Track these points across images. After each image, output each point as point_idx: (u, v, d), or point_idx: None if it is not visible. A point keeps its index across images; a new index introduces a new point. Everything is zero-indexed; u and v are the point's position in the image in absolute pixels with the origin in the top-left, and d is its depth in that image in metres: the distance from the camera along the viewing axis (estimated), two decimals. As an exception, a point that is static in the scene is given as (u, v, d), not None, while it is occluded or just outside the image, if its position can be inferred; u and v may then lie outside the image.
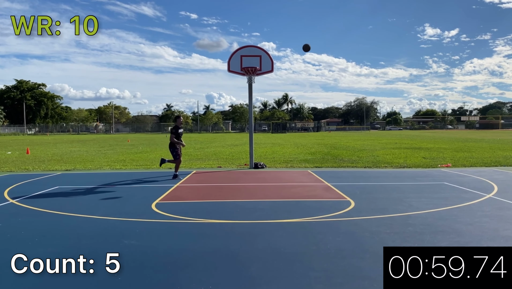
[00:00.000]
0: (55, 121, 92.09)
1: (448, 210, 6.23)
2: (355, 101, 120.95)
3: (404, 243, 4.51)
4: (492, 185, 8.57)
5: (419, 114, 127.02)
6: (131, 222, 5.61)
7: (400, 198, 7.21)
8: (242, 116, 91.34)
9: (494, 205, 6.56)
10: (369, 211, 6.16)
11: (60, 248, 4.43)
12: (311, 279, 3.54)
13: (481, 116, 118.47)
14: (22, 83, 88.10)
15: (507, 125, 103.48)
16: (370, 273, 3.63)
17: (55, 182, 9.65)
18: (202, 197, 7.70)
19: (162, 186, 8.84)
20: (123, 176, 10.89)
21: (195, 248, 4.40)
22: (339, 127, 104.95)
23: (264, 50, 12.55)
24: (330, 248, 4.37)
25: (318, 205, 6.76)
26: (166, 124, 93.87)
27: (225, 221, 5.61)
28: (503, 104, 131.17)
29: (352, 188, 8.27)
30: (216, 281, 3.48)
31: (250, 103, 13.24)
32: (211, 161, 15.08)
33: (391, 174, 11.02)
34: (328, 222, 5.52)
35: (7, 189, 8.58)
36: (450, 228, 5.14)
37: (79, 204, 6.93)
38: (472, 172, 11.04)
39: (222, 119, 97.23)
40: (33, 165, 13.97)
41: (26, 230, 5.25)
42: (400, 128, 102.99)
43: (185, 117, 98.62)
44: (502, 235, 4.80)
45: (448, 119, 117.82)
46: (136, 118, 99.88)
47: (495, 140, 30.74)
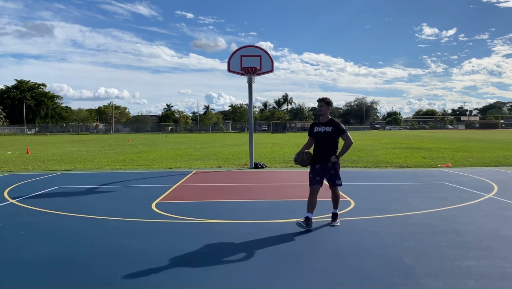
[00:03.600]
0: (55, 121, 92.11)
1: (448, 210, 6.23)
2: (355, 101, 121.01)
3: (404, 243, 4.51)
4: (492, 185, 8.57)
5: (419, 114, 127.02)
6: (131, 222, 5.61)
7: (400, 198, 7.21)
8: (242, 116, 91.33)
9: (494, 205, 6.56)
10: (369, 211, 6.16)
11: (60, 248, 4.43)
12: (311, 279, 3.53)
13: (481, 116, 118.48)
14: (22, 83, 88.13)
15: (507, 125, 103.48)
16: (370, 273, 3.63)
17: (55, 182, 9.65)
18: (202, 197, 7.70)
19: (162, 186, 8.84)
20: (123, 176, 10.89)
21: (195, 248, 4.40)
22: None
23: (264, 50, 12.56)
24: (330, 248, 4.37)
25: (318, 205, 6.74)
26: (166, 124, 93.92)
27: (225, 221, 5.61)
28: (503, 104, 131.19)
29: (352, 188, 8.27)
30: (216, 281, 3.47)
31: (250, 103, 13.24)
32: (211, 161, 15.08)
33: (391, 174, 11.02)
34: (328, 222, 5.51)
35: (7, 189, 8.58)
36: (450, 228, 5.14)
37: (79, 204, 6.92)
38: (472, 172, 11.03)
39: (222, 119, 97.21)
40: (33, 165, 13.98)
41: (26, 230, 5.25)
42: (400, 128, 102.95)
43: (185, 117, 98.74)
44: (502, 235, 4.80)
45: (448, 119, 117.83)
46: (136, 118, 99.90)
47: (495, 140, 30.74)
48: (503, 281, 3.43)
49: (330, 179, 5.27)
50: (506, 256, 4.04)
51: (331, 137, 5.17)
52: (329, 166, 5.16)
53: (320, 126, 5.25)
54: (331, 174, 5.21)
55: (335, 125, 5.21)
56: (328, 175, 5.22)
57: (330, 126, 5.18)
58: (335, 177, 5.25)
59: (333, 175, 5.22)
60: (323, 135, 5.20)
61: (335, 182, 5.26)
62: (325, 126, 5.21)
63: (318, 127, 5.27)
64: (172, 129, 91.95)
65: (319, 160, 5.20)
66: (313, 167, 5.25)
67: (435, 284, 3.37)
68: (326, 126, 5.20)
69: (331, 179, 5.26)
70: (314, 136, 5.30)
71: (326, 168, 5.18)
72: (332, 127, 5.18)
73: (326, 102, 5.24)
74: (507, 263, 3.83)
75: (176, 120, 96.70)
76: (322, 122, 5.26)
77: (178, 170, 12.42)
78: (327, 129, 5.18)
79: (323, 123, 5.25)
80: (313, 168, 5.25)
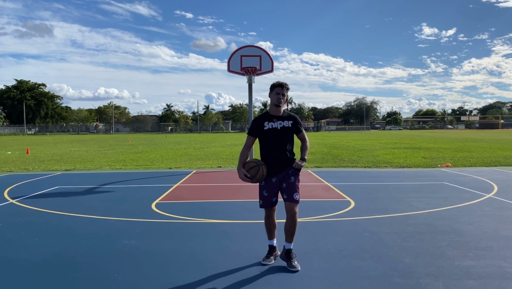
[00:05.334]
0: (55, 121, 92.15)
1: (448, 210, 6.23)
2: (355, 101, 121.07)
3: (404, 243, 4.51)
4: (492, 185, 8.57)
5: (419, 114, 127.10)
6: (131, 222, 5.61)
7: (400, 198, 7.21)
8: (242, 116, 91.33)
9: (494, 205, 6.56)
10: (369, 211, 6.16)
11: (60, 248, 4.43)
12: (311, 279, 3.54)
13: (481, 116, 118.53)
14: (22, 83, 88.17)
15: (507, 125, 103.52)
16: (370, 273, 3.63)
17: (55, 182, 9.65)
18: (202, 197, 7.70)
19: (162, 186, 8.84)
20: (123, 176, 10.89)
21: (195, 248, 4.40)
22: (339, 127, 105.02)
23: (264, 50, 12.55)
24: (330, 248, 4.37)
25: (318, 205, 6.76)
26: (166, 124, 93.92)
27: (225, 221, 5.61)
28: (503, 104, 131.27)
29: (352, 188, 8.27)
30: (216, 281, 3.48)
31: (250, 103, 13.24)
32: (211, 161, 15.08)
33: (391, 174, 11.02)
34: (328, 222, 5.52)
35: (7, 189, 8.58)
36: (450, 228, 5.14)
37: (79, 204, 6.93)
38: (472, 172, 11.03)
39: (222, 119, 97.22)
40: (33, 165, 13.98)
41: (26, 230, 5.25)
42: (400, 128, 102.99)
43: (185, 117, 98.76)
44: (502, 235, 4.80)
45: (448, 119, 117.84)
46: (136, 118, 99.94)
47: (495, 140, 30.74)
48: (503, 281, 3.43)
49: (286, 191, 3.78)
50: (505, 256, 4.04)
51: (290, 135, 3.91)
52: (290, 173, 3.82)
53: (274, 120, 3.85)
54: (288, 184, 3.79)
55: (294, 118, 3.94)
56: (285, 184, 3.80)
57: (290, 120, 3.89)
58: (294, 187, 3.78)
59: (291, 185, 3.79)
60: (280, 133, 3.83)
61: (293, 195, 3.76)
62: (282, 121, 3.86)
63: (271, 122, 3.85)
64: (172, 129, 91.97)
65: (276, 169, 3.81)
66: (269, 182, 3.84)
67: (435, 284, 3.37)
68: (285, 120, 3.88)
69: (288, 191, 3.77)
70: (265, 135, 3.84)
71: (284, 178, 3.83)
72: (292, 121, 3.90)
73: (287, 88, 3.91)
74: (506, 263, 3.83)
75: (176, 120, 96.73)
76: (277, 115, 3.89)
77: (178, 170, 12.42)
78: (286, 124, 3.86)
79: (280, 116, 3.89)
80: (268, 183, 3.85)
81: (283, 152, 3.85)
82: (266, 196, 3.88)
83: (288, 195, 3.78)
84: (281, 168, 3.83)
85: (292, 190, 3.77)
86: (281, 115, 3.90)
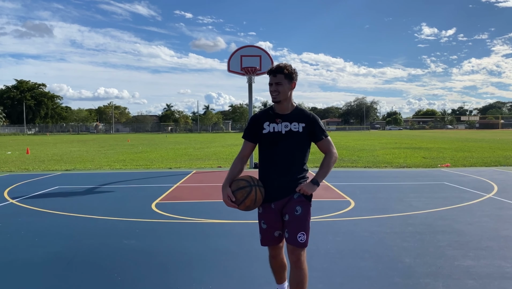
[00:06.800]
0: (55, 121, 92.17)
1: (448, 210, 6.23)
2: (355, 101, 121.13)
3: (404, 243, 4.51)
4: (492, 185, 8.57)
5: (419, 114, 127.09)
6: (131, 222, 5.61)
7: (400, 198, 7.21)
8: (242, 116, 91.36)
9: (494, 205, 6.56)
10: (369, 211, 6.16)
11: (60, 248, 4.43)
12: (311, 279, 3.53)
13: (481, 116, 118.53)
14: (22, 83, 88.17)
15: (507, 125, 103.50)
16: (370, 273, 3.63)
17: (55, 182, 9.65)
18: (202, 197, 7.70)
19: (162, 186, 8.84)
20: (123, 176, 10.89)
21: (195, 248, 4.40)
22: (339, 127, 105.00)
23: (264, 50, 12.56)
24: (330, 248, 4.37)
25: (318, 205, 6.75)
26: (166, 124, 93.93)
27: (225, 221, 5.61)
28: (503, 104, 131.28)
29: (352, 188, 8.27)
30: (216, 281, 3.48)
31: (250, 103, 13.24)
32: (211, 161, 15.08)
33: (391, 174, 11.02)
34: (328, 222, 5.52)
35: (7, 189, 8.58)
36: (450, 228, 5.14)
37: (79, 204, 6.93)
38: (472, 172, 11.03)
39: (222, 119, 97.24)
40: (33, 165, 13.98)
41: (26, 230, 5.25)
42: (400, 128, 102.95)
43: (185, 117, 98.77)
44: (502, 235, 4.80)
45: (448, 119, 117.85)
46: (136, 118, 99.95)
47: (495, 140, 30.74)
48: (502, 281, 3.43)
49: (288, 227, 2.58)
50: (505, 256, 4.04)
51: (300, 144, 2.64)
52: (295, 200, 2.60)
53: (278, 121, 2.64)
54: (292, 217, 2.57)
55: (310, 119, 2.65)
56: (288, 217, 2.59)
57: (301, 122, 2.63)
58: (299, 223, 2.56)
59: (296, 219, 2.56)
60: (285, 140, 2.62)
61: (297, 236, 2.54)
62: (290, 122, 2.63)
63: (274, 123, 2.65)
64: (172, 129, 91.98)
65: (274, 192, 2.64)
66: (267, 209, 2.71)
67: (435, 284, 3.37)
68: (293, 121, 2.63)
69: (291, 227, 2.56)
70: (264, 140, 2.68)
71: (287, 206, 2.62)
72: (305, 124, 2.63)
73: (288, 72, 2.58)
74: (506, 263, 3.83)
75: (176, 120, 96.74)
76: (282, 113, 2.66)
77: (178, 170, 12.42)
78: (294, 128, 2.62)
79: (288, 115, 2.65)
80: (266, 211, 2.71)
81: (287, 167, 2.63)
82: (265, 229, 2.75)
83: (290, 234, 2.56)
84: (281, 191, 2.63)
85: (297, 227, 2.55)
86: (289, 113, 2.64)
